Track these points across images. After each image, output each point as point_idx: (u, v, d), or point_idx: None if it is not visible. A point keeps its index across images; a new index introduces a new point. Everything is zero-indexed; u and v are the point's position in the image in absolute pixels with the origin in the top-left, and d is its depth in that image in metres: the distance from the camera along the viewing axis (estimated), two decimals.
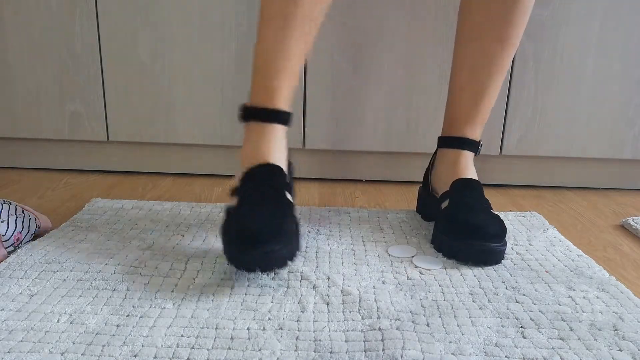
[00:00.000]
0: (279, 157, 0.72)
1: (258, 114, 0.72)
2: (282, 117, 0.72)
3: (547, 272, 0.71)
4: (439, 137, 0.89)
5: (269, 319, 0.57)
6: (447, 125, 0.89)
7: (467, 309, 0.60)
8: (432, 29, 1.06)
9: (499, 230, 0.73)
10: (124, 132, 1.14)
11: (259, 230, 0.61)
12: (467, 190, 0.80)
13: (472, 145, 0.86)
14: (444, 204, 0.80)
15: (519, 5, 0.79)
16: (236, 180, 0.71)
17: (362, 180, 1.20)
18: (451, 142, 0.86)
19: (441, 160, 0.88)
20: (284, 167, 0.72)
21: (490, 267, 0.71)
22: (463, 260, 0.72)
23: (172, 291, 0.62)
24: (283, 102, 0.72)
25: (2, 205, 0.72)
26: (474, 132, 0.86)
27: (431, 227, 0.86)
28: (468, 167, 0.84)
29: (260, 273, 0.66)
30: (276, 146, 0.72)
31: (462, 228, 0.73)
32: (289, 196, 0.70)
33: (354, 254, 0.75)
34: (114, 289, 0.62)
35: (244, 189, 0.68)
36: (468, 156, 0.85)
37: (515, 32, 0.81)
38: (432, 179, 0.89)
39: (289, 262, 0.64)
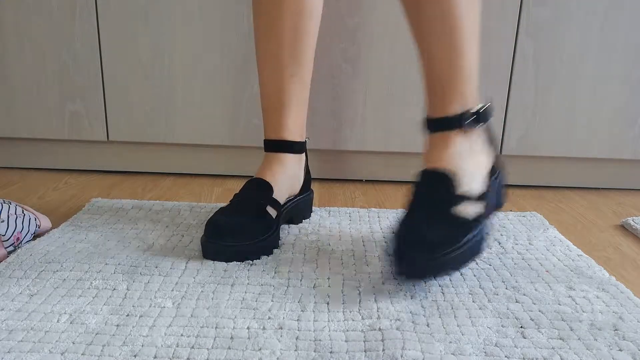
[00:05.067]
0: (277, 177, 0.80)
1: (267, 145, 0.83)
2: (285, 145, 0.82)
3: (547, 271, 0.71)
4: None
5: (269, 318, 0.57)
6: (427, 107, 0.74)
7: (467, 309, 0.60)
8: None
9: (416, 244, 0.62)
10: (124, 132, 1.14)
11: (221, 225, 0.71)
12: (418, 188, 0.70)
13: (452, 122, 0.69)
14: None
15: None
16: None
17: (362, 180, 1.20)
18: (429, 124, 0.72)
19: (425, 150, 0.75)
20: (280, 186, 0.79)
21: (491, 267, 0.71)
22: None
23: (172, 290, 0.62)
24: (288, 133, 0.82)
25: (2, 205, 0.72)
26: (452, 106, 0.69)
27: None
28: (441, 152, 0.69)
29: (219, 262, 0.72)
30: (277, 168, 0.81)
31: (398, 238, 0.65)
32: (270, 208, 0.77)
33: (353, 254, 0.75)
34: (114, 289, 0.62)
35: (234, 196, 0.79)
36: (445, 138, 0.70)
37: None
38: None
39: (246, 259, 0.71)
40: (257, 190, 0.78)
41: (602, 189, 1.18)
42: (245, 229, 0.72)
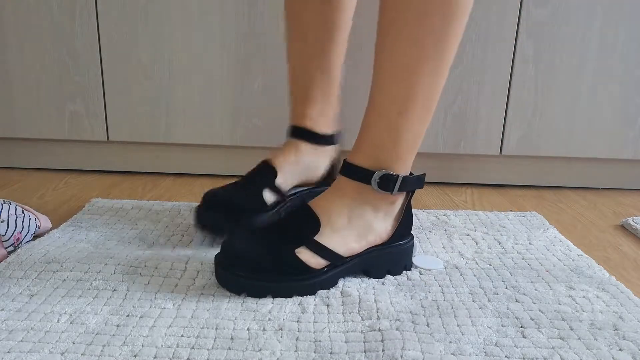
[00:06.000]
0: (286, 164, 0.79)
1: (288, 130, 0.83)
2: (298, 132, 0.81)
3: (547, 271, 0.71)
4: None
5: (269, 319, 0.57)
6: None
7: (467, 309, 0.60)
8: None
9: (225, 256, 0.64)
10: (124, 132, 1.14)
11: (214, 197, 0.76)
12: (291, 215, 0.68)
13: (362, 175, 0.64)
14: None
15: None
16: None
17: None
18: (343, 166, 0.67)
19: None
20: (287, 173, 0.79)
21: (491, 267, 0.71)
22: None
23: (172, 291, 0.62)
24: (308, 121, 0.81)
25: (2, 205, 0.72)
26: (372, 160, 0.65)
27: (431, 229, 0.86)
28: (334, 196, 0.66)
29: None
30: (290, 155, 0.80)
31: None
32: (268, 193, 0.77)
33: None
34: (114, 289, 0.62)
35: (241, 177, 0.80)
36: (346, 185, 0.66)
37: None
38: None
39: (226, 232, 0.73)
40: (259, 173, 0.79)
41: (602, 189, 1.18)
42: (236, 206, 0.75)
